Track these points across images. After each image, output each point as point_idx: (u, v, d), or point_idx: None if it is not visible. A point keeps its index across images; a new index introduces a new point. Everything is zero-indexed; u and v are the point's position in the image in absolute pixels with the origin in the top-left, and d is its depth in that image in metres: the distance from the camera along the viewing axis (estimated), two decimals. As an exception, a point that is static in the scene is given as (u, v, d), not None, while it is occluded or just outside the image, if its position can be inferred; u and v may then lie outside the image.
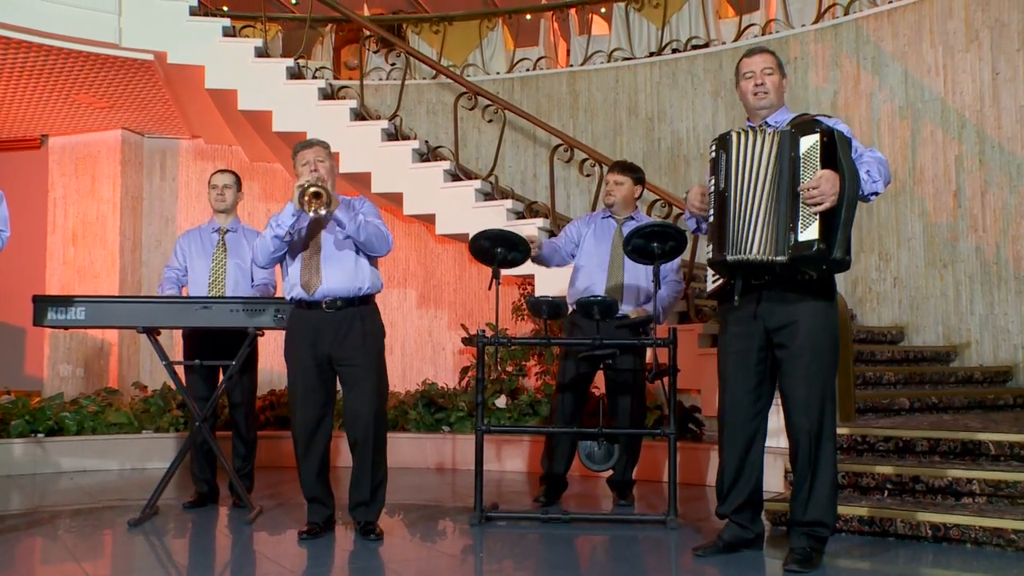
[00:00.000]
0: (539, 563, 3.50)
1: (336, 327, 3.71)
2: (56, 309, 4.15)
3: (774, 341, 3.26)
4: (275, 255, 3.76)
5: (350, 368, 3.73)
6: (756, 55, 3.39)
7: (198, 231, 4.82)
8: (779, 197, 3.12)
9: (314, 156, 3.78)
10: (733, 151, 3.20)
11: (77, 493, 5.23)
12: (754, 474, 3.39)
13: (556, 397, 4.65)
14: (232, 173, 4.82)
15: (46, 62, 6.44)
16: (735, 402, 3.36)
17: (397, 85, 8.31)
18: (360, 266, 3.75)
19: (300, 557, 3.52)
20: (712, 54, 7.84)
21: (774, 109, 3.35)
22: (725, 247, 3.17)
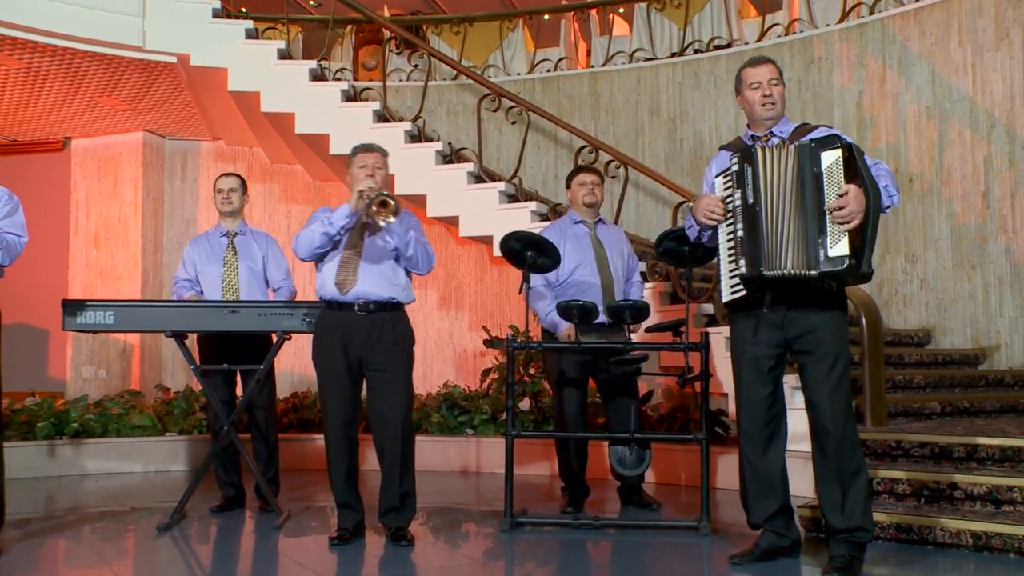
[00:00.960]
0: (574, 571, 3.47)
1: (367, 330, 3.69)
2: (84, 313, 4.15)
3: (794, 348, 3.28)
4: (319, 251, 3.74)
5: (379, 373, 3.72)
6: (761, 65, 3.39)
7: (205, 237, 4.80)
8: (805, 212, 3.13)
9: (372, 162, 3.78)
10: (760, 165, 3.20)
11: (104, 496, 5.24)
12: (779, 480, 3.37)
13: (559, 397, 4.57)
14: (237, 176, 4.80)
15: (71, 65, 6.45)
16: (751, 409, 3.36)
17: (418, 86, 8.31)
18: (397, 274, 3.74)
19: (331, 563, 3.50)
20: (735, 54, 7.77)
21: (778, 119, 3.38)
22: (760, 262, 3.17)
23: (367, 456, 5.30)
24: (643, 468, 4.16)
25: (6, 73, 6.59)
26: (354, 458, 3.82)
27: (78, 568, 3.58)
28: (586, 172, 4.75)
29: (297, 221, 8.54)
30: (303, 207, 8.50)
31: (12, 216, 3.66)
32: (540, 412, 6.42)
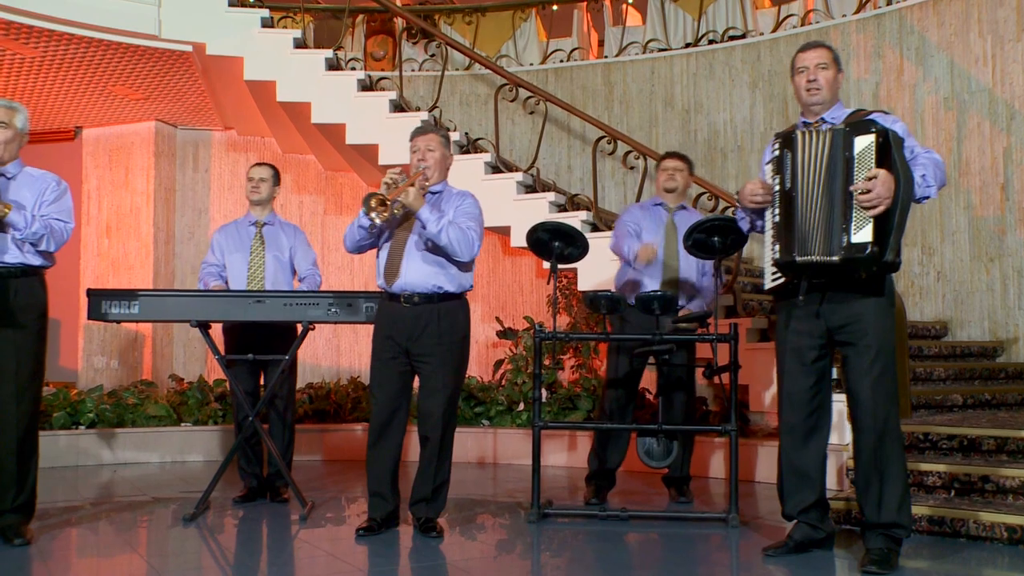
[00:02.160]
0: (605, 562, 3.45)
1: (412, 322, 3.68)
2: (110, 303, 4.13)
3: (836, 339, 3.24)
4: (360, 243, 3.77)
5: (424, 365, 3.71)
6: (811, 50, 3.35)
7: (234, 225, 4.78)
8: (833, 196, 3.11)
9: (424, 144, 3.78)
10: (799, 150, 3.18)
11: (124, 486, 5.22)
12: (817, 473, 3.35)
13: (606, 392, 4.61)
14: (270, 166, 4.77)
15: (85, 54, 6.41)
16: (794, 400, 3.34)
17: (429, 76, 8.29)
18: (443, 264, 3.69)
19: (362, 554, 3.49)
20: (750, 45, 7.75)
21: (828, 105, 3.31)
22: (793, 248, 3.16)
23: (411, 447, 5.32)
24: (670, 459, 4.14)
25: (21, 62, 6.55)
26: (397, 448, 3.77)
27: (111, 557, 3.57)
28: (667, 158, 4.74)
29: (309, 211, 8.53)
30: (315, 197, 8.48)
31: (59, 202, 3.65)
32: (556, 403, 6.42)
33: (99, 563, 3.51)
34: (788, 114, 7.47)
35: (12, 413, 3.55)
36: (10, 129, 3.60)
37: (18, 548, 3.47)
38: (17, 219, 3.47)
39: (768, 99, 7.57)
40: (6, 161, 3.61)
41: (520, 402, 6.48)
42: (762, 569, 3.25)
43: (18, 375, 3.56)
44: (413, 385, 3.85)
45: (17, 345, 3.55)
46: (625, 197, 7.90)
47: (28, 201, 3.59)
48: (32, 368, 3.62)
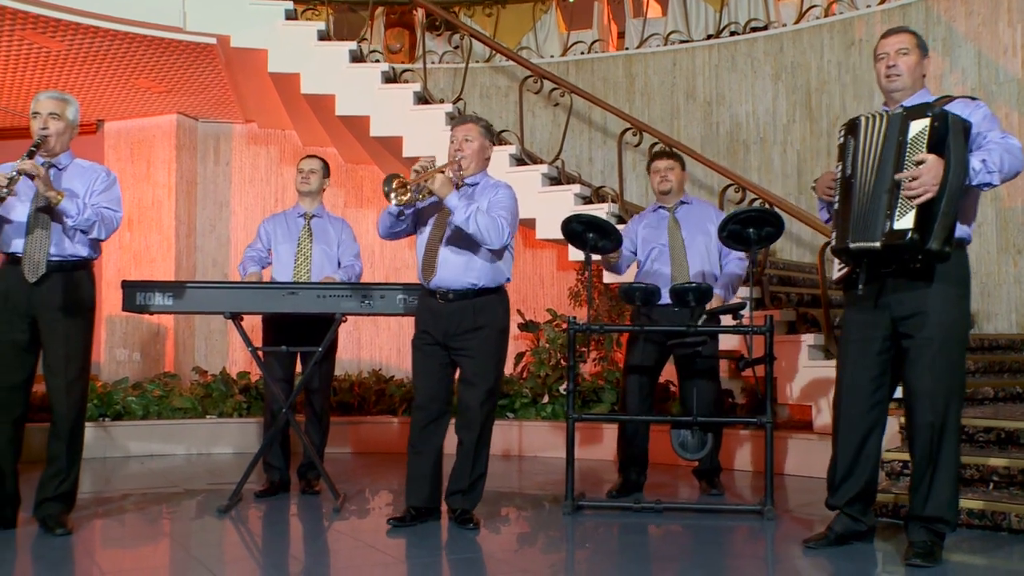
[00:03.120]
0: (644, 554, 3.45)
1: (449, 318, 3.68)
2: (144, 294, 4.14)
3: (900, 331, 3.17)
4: (392, 230, 3.77)
5: (463, 359, 3.71)
6: (892, 35, 3.26)
7: (283, 215, 4.79)
8: (883, 182, 3.06)
9: (462, 135, 3.77)
10: (860, 136, 3.15)
11: (154, 477, 5.25)
12: (869, 466, 3.32)
13: (627, 381, 4.57)
14: (320, 159, 4.78)
15: (110, 47, 6.42)
16: (854, 391, 3.28)
17: (450, 69, 8.28)
18: (476, 259, 3.67)
19: (399, 546, 3.49)
20: (772, 36, 7.71)
21: (910, 91, 3.20)
22: (847, 235, 3.12)
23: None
24: (704, 452, 4.13)
25: (47, 56, 6.56)
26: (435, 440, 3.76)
27: (153, 548, 3.59)
28: (657, 159, 4.69)
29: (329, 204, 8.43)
30: (335, 190, 8.47)
31: (109, 191, 3.68)
32: (580, 396, 6.41)
33: (142, 554, 3.53)
34: (811, 106, 7.43)
35: (63, 404, 3.58)
36: (62, 120, 3.62)
37: (60, 537, 3.49)
38: (70, 207, 3.49)
39: (791, 91, 7.54)
40: (58, 152, 3.64)
41: (544, 394, 6.47)
42: (803, 561, 3.24)
43: (68, 368, 3.58)
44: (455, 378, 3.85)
45: (68, 338, 3.58)
46: (646, 190, 7.88)
47: (79, 191, 3.63)
48: (81, 361, 3.65)
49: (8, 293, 3.53)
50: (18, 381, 3.57)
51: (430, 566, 3.24)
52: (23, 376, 3.59)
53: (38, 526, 3.61)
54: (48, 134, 3.56)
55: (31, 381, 3.66)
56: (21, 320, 3.54)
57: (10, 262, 3.56)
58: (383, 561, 3.27)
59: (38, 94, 3.67)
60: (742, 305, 4.22)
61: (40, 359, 3.66)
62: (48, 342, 3.57)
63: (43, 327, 3.56)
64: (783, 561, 3.36)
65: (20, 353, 3.56)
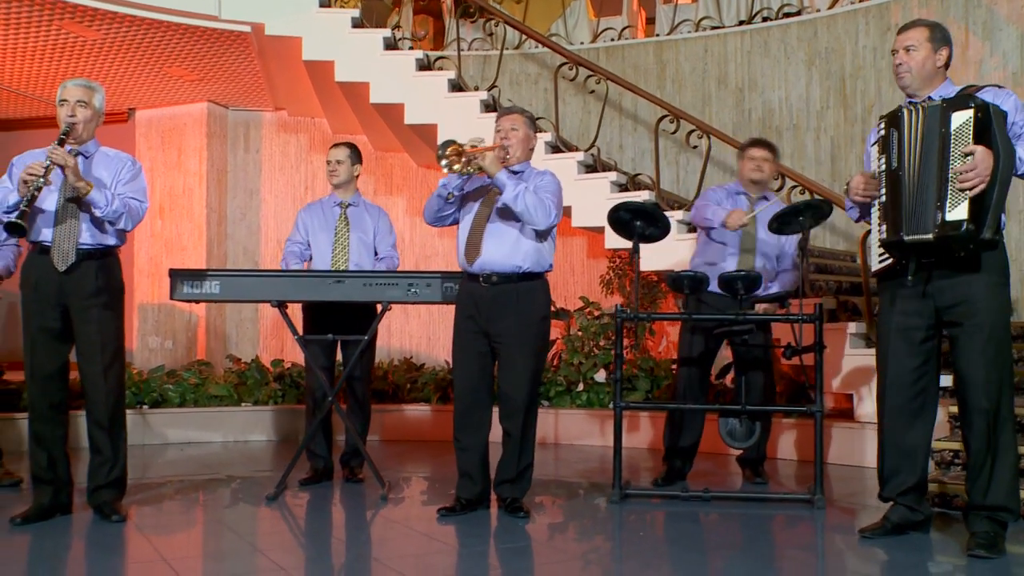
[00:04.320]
0: (696, 542, 3.45)
1: (491, 303, 3.67)
2: (191, 283, 4.16)
3: (945, 320, 3.18)
4: (438, 214, 3.77)
5: (503, 346, 3.69)
6: (902, 32, 3.31)
7: (319, 204, 4.79)
8: (930, 174, 3.07)
9: (509, 124, 3.79)
10: (904, 128, 3.15)
11: (196, 464, 5.28)
12: (920, 456, 3.30)
13: (680, 371, 4.58)
14: (346, 145, 4.76)
15: (145, 36, 6.42)
16: (898, 381, 3.27)
17: (480, 56, 8.24)
18: (522, 243, 3.67)
19: (451, 534, 3.49)
20: (806, 22, 7.63)
21: (924, 86, 3.25)
22: (900, 227, 3.12)
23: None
24: (752, 441, 4.11)
25: (83, 44, 6.57)
26: (480, 429, 3.76)
27: (207, 534, 3.61)
28: (753, 147, 4.61)
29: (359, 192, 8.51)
30: (365, 177, 8.45)
31: (134, 181, 3.68)
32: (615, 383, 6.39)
33: (197, 539, 3.55)
34: (846, 92, 7.36)
35: (101, 390, 3.59)
36: (89, 108, 3.62)
37: (116, 524, 3.51)
38: (98, 197, 3.49)
39: (825, 76, 7.46)
40: (85, 140, 3.64)
41: (579, 382, 6.47)
42: (860, 551, 3.23)
43: (103, 353, 3.60)
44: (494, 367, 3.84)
45: (101, 324, 3.59)
46: (677, 176, 7.84)
47: (105, 180, 3.63)
48: (115, 346, 3.66)
49: (39, 282, 3.55)
50: (54, 369, 3.59)
51: (484, 555, 3.24)
52: (59, 364, 3.61)
53: (92, 512, 3.64)
54: (75, 122, 3.56)
55: (67, 369, 3.67)
56: (52, 309, 3.55)
57: (39, 251, 3.56)
58: (440, 549, 3.28)
59: (65, 82, 3.66)
60: (788, 294, 4.20)
61: (73, 348, 3.67)
62: (81, 329, 3.58)
63: (75, 315, 3.57)
64: (839, 551, 3.34)
65: (53, 341, 3.58)
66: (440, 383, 6.67)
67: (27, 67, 7.10)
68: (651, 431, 6.00)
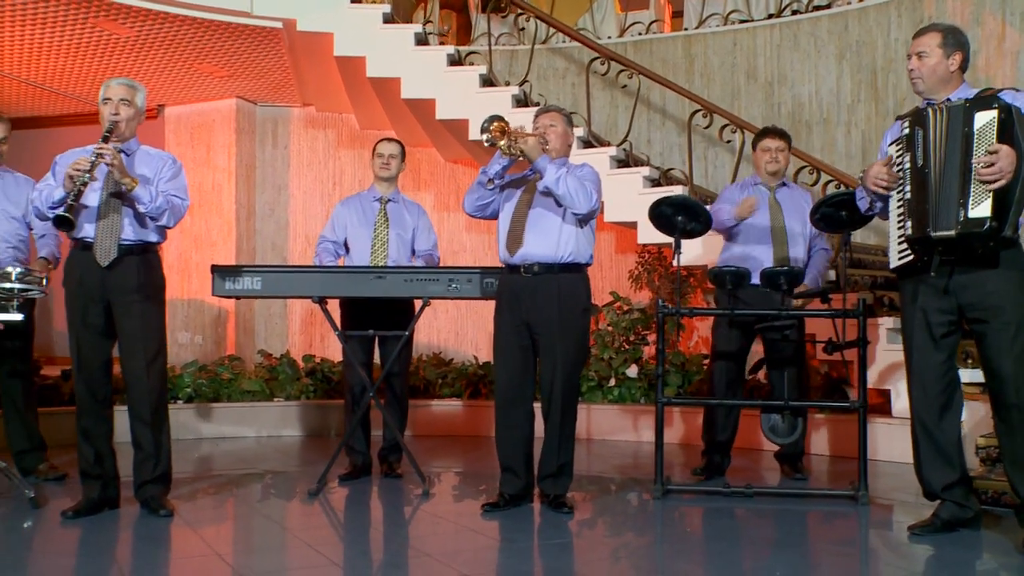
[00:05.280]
0: (743, 538, 3.44)
1: (533, 293, 3.67)
2: (232, 279, 4.18)
3: (969, 316, 3.22)
4: (479, 203, 3.78)
5: (544, 337, 3.69)
6: (915, 37, 3.39)
7: (358, 199, 4.79)
8: (954, 171, 3.13)
9: (547, 121, 3.81)
10: (930, 127, 3.20)
11: (232, 459, 5.31)
12: (955, 450, 3.31)
13: (713, 366, 4.56)
14: (398, 143, 4.78)
15: (177, 33, 6.45)
16: (925, 377, 3.30)
17: (508, 51, 8.23)
18: (564, 233, 3.67)
19: (494, 529, 3.50)
20: (836, 15, 7.57)
21: (940, 90, 3.29)
22: (927, 223, 3.16)
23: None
24: (795, 436, 4.10)
25: (115, 42, 6.61)
26: (528, 422, 3.77)
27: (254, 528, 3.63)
28: (768, 137, 4.63)
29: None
30: (392, 173, 8.47)
31: (176, 179, 3.71)
32: (646, 379, 6.39)
33: (246, 534, 3.57)
34: (877, 85, 7.31)
35: (144, 386, 3.62)
36: (132, 107, 3.65)
37: (163, 519, 3.54)
38: (143, 193, 3.52)
39: (856, 70, 7.41)
40: (127, 138, 3.67)
41: (610, 377, 6.46)
42: (911, 548, 3.21)
43: (146, 349, 3.62)
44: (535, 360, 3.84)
45: (144, 320, 3.62)
46: (706, 171, 7.81)
47: (147, 178, 3.64)
48: (158, 341, 3.69)
49: (82, 278, 3.57)
50: (99, 364, 3.62)
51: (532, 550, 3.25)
52: (103, 359, 3.64)
53: (139, 507, 3.67)
54: (119, 120, 3.59)
55: (110, 364, 3.70)
56: (96, 304, 3.58)
57: (81, 247, 3.59)
58: (486, 544, 3.29)
59: (109, 80, 3.69)
60: (829, 289, 4.18)
61: (115, 343, 3.70)
62: (123, 325, 3.60)
63: (117, 310, 3.59)
64: (890, 547, 3.33)
65: (98, 337, 3.60)
66: (471, 378, 6.69)
67: (59, 64, 7.15)
68: (683, 426, 6.00)
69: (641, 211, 5.89)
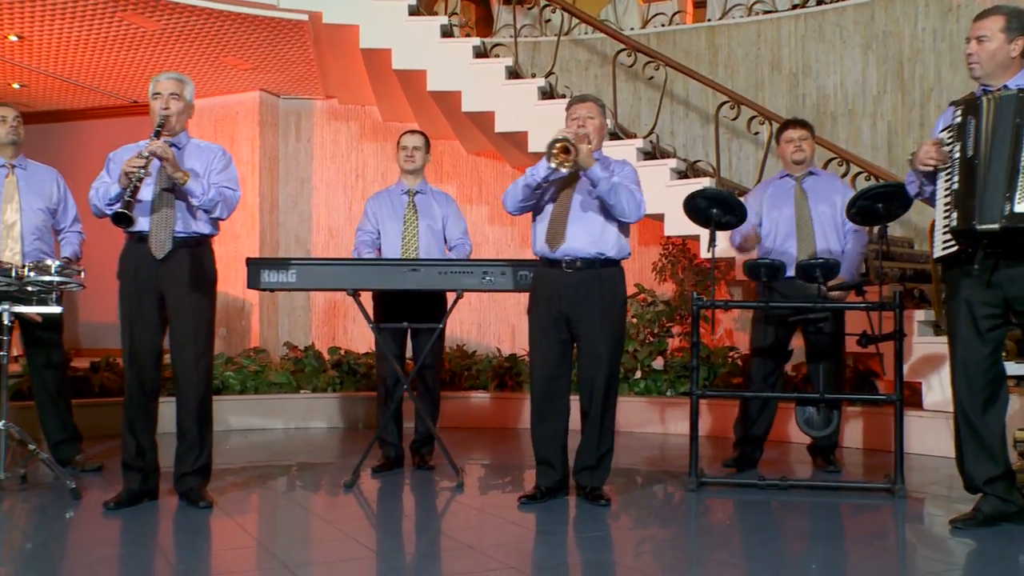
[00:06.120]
0: (784, 531, 3.44)
1: (575, 288, 3.67)
2: (268, 271, 4.21)
3: (1015, 309, 3.19)
4: (523, 203, 3.74)
5: (585, 331, 3.69)
6: (976, 20, 3.31)
7: (387, 193, 4.81)
8: (1002, 163, 3.07)
9: (584, 112, 3.77)
10: (982, 116, 3.14)
11: (261, 451, 5.34)
12: (998, 444, 3.28)
13: (754, 361, 4.56)
14: (422, 134, 4.78)
15: (204, 26, 6.47)
16: (970, 370, 3.27)
17: (530, 42, 8.21)
18: (606, 229, 3.68)
19: (531, 521, 3.51)
20: (862, 5, 7.52)
21: (999, 76, 3.22)
22: (973, 215, 3.12)
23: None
24: (830, 429, 4.09)
25: (142, 35, 6.64)
26: (558, 416, 3.78)
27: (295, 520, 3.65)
28: (791, 128, 4.63)
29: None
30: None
31: (227, 171, 3.73)
32: (673, 371, 6.39)
33: (287, 525, 3.59)
34: (903, 76, 7.26)
35: (193, 379, 3.64)
36: (181, 101, 3.67)
37: (203, 510, 3.57)
38: (195, 187, 3.54)
39: (882, 61, 7.36)
40: (177, 132, 3.69)
41: (636, 370, 6.46)
42: (954, 542, 3.20)
43: (196, 342, 3.65)
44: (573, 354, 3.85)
45: (195, 313, 3.65)
46: (730, 163, 7.78)
47: (198, 171, 3.66)
48: (208, 334, 3.72)
49: (137, 270, 3.60)
50: (151, 356, 3.65)
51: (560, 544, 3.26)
52: (155, 351, 3.67)
53: (178, 498, 3.70)
54: (169, 114, 3.61)
55: (160, 357, 3.73)
56: (150, 296, 3.60)
57: (136, 240, 3.61)
58: (523, 536, 3.30)
59: (158, 75, 3.72)
60: (864, 282, 4.17)
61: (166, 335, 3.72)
62: (175, 317, 3.63)
63: (170, 302, 3.62)
64: (930, 541, 3.33)
65: (149, 329, 3.63)
66: (497, 370, 6.70)
67: (85, 59, 7.18)
68: (710, 418, 5.99)
69: (668, 203, 5.91)
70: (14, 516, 3.56)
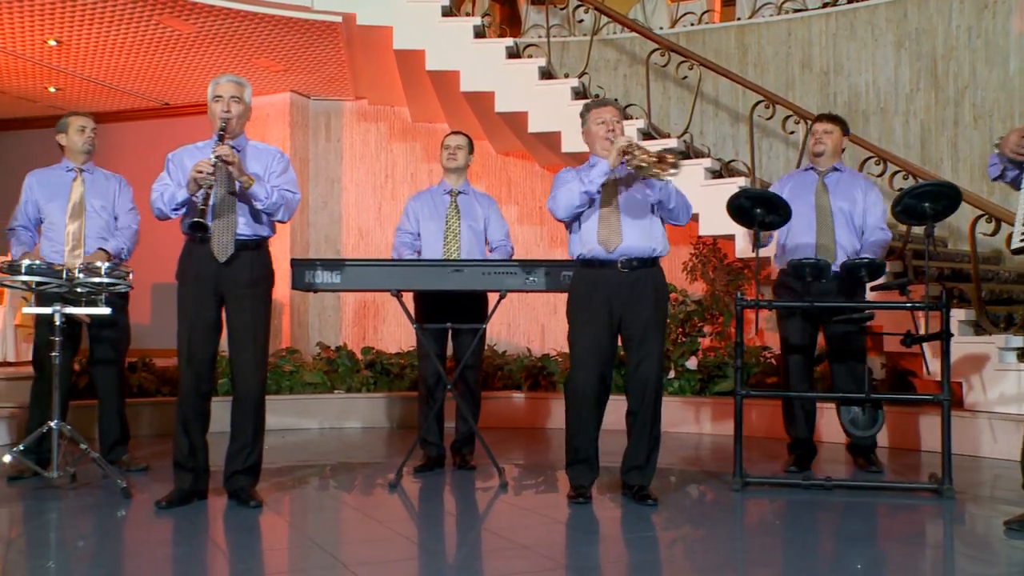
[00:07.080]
0: (829, 531, 3.43)
1: (631, 288, 3.68)
2: (314, 272, 4.23)
3: None
4: (578, 210, 3.72)
5: (638, 330, 3.70)
6: None
7: (429, 193, 4.83)
8: None
9: (610, 117, 3.80)
10: None
11: (299, 451, 5.38)
12: None
13: (789, 360, 4.54)
14: (465, 135, 4.80)
15: (238, 28, 6.52)
16: None
17: (559, 42, 8.22)
18: (654, 226, 3.71)
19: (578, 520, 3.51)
20: (895, 2, 7.48)
21: None
22: None
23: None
24: (876, 429, 4.08)
25: (177, 38, 6.69)
26: (598, 415, 3.79)
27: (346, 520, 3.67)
28: (817, 121, 4.66)
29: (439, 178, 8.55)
30: (444, 166, 8.50)
31: (286, 173, 3.76)
32: (705, 371, 6.39)
33: (338, 525, 3.61)
34: (937, 73, 7.22)
35: (252, 380, 3.68)
36: (241, 103, 3.71)
37: (254, 509, 3.60)
38: (259, 190, 3.58)
39: (915, 59, 7.32)
40: (237, 135, 3.72)
41: (670, 369, 6.46)
42: (1008, 544, 3.19)
43: (255, 343, 3.68)
44: None
45: (256, 314, 3.68)
46: (761, 162, 7.75)
47: (258, 173, 3.68)
48: (265, 336, 3.75)
49: (199, 272, 3.63)
50: (207, 357, 3.68)
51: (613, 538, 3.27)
52: (211, 352, 3.71)
53: (228, 497, 3.73)
54: (230, 117, 3.64)
55: (216, 358, 3.77)
56: (210, 298, 3.64)
57: (197, 242, 3.64)
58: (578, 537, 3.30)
59: (218, 78, 3.75)
60: (908, 281, 4.15)
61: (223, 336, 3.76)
62: (235, 319, 3.66)
63: (230, 304, 3.65)
64: (981, 542, 3.31)
65: (208, 330, 3.67)
66: (530, 370, 6.71)
67: (119, 61, 7.25)
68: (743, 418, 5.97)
69: (703, 203, 5.90)
70: (69, 515, 3.60)
